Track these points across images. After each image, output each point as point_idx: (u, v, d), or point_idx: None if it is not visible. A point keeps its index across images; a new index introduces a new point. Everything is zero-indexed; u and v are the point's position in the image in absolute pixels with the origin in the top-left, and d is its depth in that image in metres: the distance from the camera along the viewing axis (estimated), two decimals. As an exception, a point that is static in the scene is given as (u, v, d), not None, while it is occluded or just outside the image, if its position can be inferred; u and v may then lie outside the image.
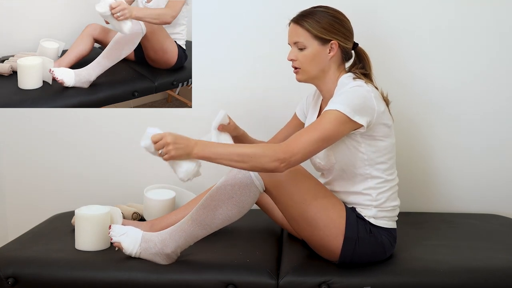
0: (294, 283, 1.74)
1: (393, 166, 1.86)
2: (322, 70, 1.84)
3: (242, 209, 1.77)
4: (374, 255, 1.81)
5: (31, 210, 2.53)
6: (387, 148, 1.81)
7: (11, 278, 1.77)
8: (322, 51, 1.81)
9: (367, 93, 1.74)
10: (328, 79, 1.85)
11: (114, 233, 1.85)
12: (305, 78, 1.86)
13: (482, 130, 2.38)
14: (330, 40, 1.80)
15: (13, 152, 2.52)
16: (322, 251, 1.83)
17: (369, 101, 1.73)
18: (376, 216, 1.82)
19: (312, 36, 1.80)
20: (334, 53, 1.81)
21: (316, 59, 1.81)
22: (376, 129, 1.76)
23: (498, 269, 1.79)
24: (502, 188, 2.41)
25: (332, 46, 1.81)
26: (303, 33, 1.80)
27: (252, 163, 1.64)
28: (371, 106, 1.73)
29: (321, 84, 1.87)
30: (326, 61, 1.82)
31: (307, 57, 1.81)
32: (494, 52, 2.33)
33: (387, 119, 1.80)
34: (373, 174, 1.81)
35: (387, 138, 1.81)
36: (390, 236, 1.84)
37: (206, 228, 1.77)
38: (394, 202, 1.86)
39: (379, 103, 1.76)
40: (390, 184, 1.84)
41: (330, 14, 1.81)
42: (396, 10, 2.31)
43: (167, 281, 1.75)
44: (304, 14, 1.82)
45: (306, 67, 1.83)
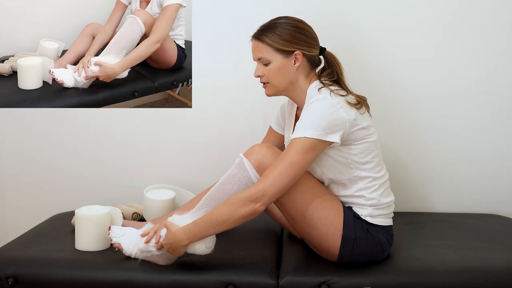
0: (294, 283, 1.74)
1: (380, 162, 1.85)
2: (290, 82, 1.82)
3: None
4: (372, 255, 1.81)
5: (31, 210, 2.53)
6: (369, 147, 1.80)
7: (11, 278, 1.77)
8: (287, 63, 1.79)
9: (332, 107, 1.72)
10: (298, 89, 1.84)
11: (113, 234, 1.85)
12: (274, 92, 1.85)
13: (482, 130, 2.38)
14: (293, 51, 1.78)
15: (13, 152, 2.52)
16: (321, 250, 1.83)
17: (336, 115, 1.71)
18: (372, 214, 1.82)
19: (275, 50, 1.78)
20: (300, 63, 1.79)
21: (282, 72, 1.79)
22: (353, 135, 1.75)
23: (498, 269, 1.79)
24: (502, 188, 2.41)
25: (297, 56, 1.79)
26: (265, 48, 1.78)
27: (233, 219, 1.69)
28: (341, 119, 1.71)
29: (292, 95, 1.87)
30: (292, 73, 1.81)
31: (272, 71, 1.80)
32: (494, 46, 2.33)
33: (362, 122, 1.77)
34: (361, 175, 1.80)
35: (367, 138, 1.79)
36: (387, 234, 1.84)
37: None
38: (388, 198, 1.86)
39: (349, 112, 1.74)
40: (380, 181, 1.84)
41: (290, 25, 1.79)
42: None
43: (167, 281, 1.75)
44: (264, 28, 1.80)
45: (273, 82, 1.82)
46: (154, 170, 2.47)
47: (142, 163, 2.48)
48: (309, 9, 2.23)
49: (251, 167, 1.74)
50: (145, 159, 2.48)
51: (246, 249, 1.92)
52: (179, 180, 2.44)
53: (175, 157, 2.46)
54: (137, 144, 2.48)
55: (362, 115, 1.78)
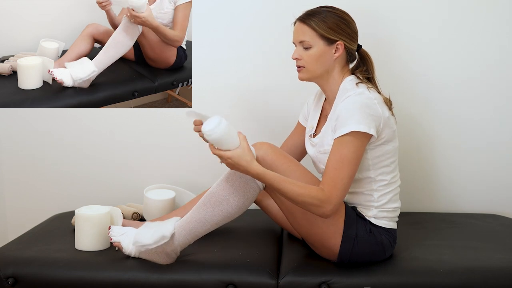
0: (294, 283, 1.74)
1: (396, 169, 1.87)
2: (326, 71, 1.83)
3: (242, 206, 1.77)
4: (373, 255, 1.81)
5: (31, 210, 2.53)
6: (391, 151, 1.82)
7: (11, 278, 1.77)
8: (327, 51, 1.80)
9: (370, 101, 1.74)
10: (331, 79, 1.85)
11: (113, 233, 1.85)
12: (308, 77, 1.85)
13: (482, 130, 2.38)
14: (336, 41, 1.79)
15: (13, 152, 2.52)
16: (321, 249, 1.83)
17: (373, 109, 1.73)
18: (376, 216, 1.82)
19: (318, 36, 1.79)
20: (340, 53, 1.81)
21: (321, 58, 1.80)
22: (382, 134, 1.77)
23: (498, 269, 1.79)
24: (502, 188, 2.41)
25: (338, 46, 1.80)
26: (309, 32, 1.79)
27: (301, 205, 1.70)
28: (377, 114, 1.74)
29: (324, 84, 1.87)
30: (331, 62, 1.82)
31: (312, 56, 1.80)
32: (498, 52, 2.33)
33: (392, 123, 1.81)
34: (377, 178, 1.81)
35: (391, 142, 1.81)
36: (390, 237, 1.84)
37: (206, 225, 1.77)
38: (395, 204, 1.87)
39: (384, 109, 1.77)
40: (392, 186, 1.85)
41: (337, 15, 1.81)
42: (397, 11, 2.31)
43: (167, 281, 1.75)
44: (311, 13, 1.81)
45: (310, 67, 1.82)
46: (154, 170, 2.47)
47: (142, 163, 2.48)
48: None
49: None
50: (145, 159, 2.48)
51: (246, 249, 1.92)
52: (179, 180, 2.44)
53: (175, 157, 2.46)
54: (137, 144, 2.48)
55: (392, 116, 1.82)
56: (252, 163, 1.67)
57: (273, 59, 2.35)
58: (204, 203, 1.78)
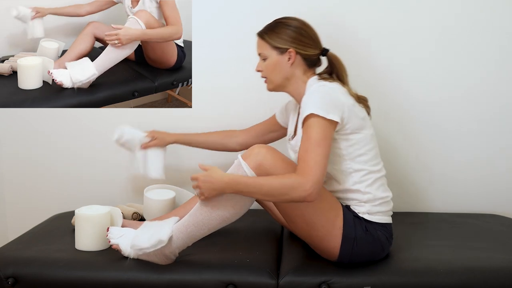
0: (294, 283, 1.75)
1: (376, 156, 1.87)
2: (286, 78, 1.90)
3: (239, 211, 1.77)
4: (372, 254, 1.82)
5: (31, 210, 2.53)
6: (364, 139, 1.83)
7: (11, 278, 1.77)
8: (281, 59, 1.88)
9: (331, 90, 1.80)
10: (295, 85, 1.91)
11: (112, 235, 1.85)
12: (272, 87, 1.93)
13: (482, 130, 2.38)
14: (287, 49, 1.86)
15: (13, 152, 2.52)
16: (321, 250, 1.83)
17: (333, 96, 1.78)
18: (370, 211, 1.82)
19: (271, 47, 1.88)
20: (293, 60, 1.87)
21: (277, 67, 1.88)
22: (349, 122, 1.79)
23: (498, 269, 1.79)
24: (502, 188, 2.41)
25: (290, 54, 1.86)
26: (263, 45, 1.90)
27: (282, 198, 1.71)
28: (338, 101, 1.77)
29: (290, 91, 1.94)
30: (287, 69, 1.88)
31: (268, 67, 1.90)
32: (493, 48, 2.33)
33: (359, 112, 1.83)
34: (355, 167, 1.82)
35: (363, 130, 1.82)
36: (386, 232, 1.84)
37: (203, 229, 1.78)
38: (384, 193, 1.86)
39: (347, 97, 1.81)
40: (376, 175, 1.85)
41: (290, 25, 1.87)
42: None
43: (167, 281, 1.75)
44: (267, 27, 1.91)
45: (270, 76, 1.91)
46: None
47: (142, 163, 2.47)
48: (311, 10, 2.23)
49: (249, 169, 1.73)
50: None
51: (246, 249, 1.92)
52: (179, 180, 2.44)
53: (175, 157, 2.45)
54: (137, 144, 2.48)
55: (359, 106, 1.84)
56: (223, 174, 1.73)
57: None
58: (201, 206, 1.77)
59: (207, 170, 1.75)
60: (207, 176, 1.72)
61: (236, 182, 1.71)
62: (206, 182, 1.72)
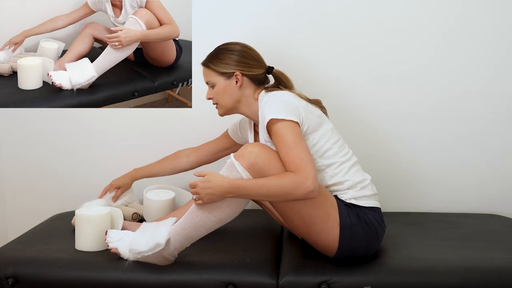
0: (294, 283, 1.75)
1: (343, 147, 1.90)
2: (236, 100, 1.95)
3: (235, 211, 1.77)
4: (369, 243, 1.83)
5: (31, 210, 2.53)
6: (326, 135, 1.85)
7: (11, 278, 1.77)
8: (229, 83, 1.93)
9: (282, 96, 1.85)
10: (247, 105, 1.96)
11: (110, 239, 1.85)
12: (224, 111, 1.98)
13: (482, 130, 2.38)
14: (233, 73, 1.91)
15: (13, 152, 2.52)
16: (321, 245, 1.84)
17: (287, 101, 1.82)
18: (355, 196, 1.85)
19: (217, 74, 1.94)
20: (241, 82, 1.92)
21: (227, 92, 1.94)
22: (307, 122, 1.81)
23: (498, 269, 1.79)
24: (502, 188, 2.41)
25: (237, 77, 1.92)
26: (209, 73, 1.95)
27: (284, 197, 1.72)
28: (293, 104, 1.81)
29: (244, 111, 1.98)
30: (236, 92, 1.94)
31: (218, 92, 1.95)
32: (494, 50, 2.33)
33: (313, 110, 1.86)
34: (326, 163, 1.85)
35: (322, 126, 1.86)
36: (377, 215, 1.86)
37: (200, 230, 1.77)
38: (361, 177, 1.89)
39: (298, 100, 1.85)
40: (348, 163, 1.87)
41: (231, 49, 1.94)
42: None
43: (167, 281, 1.75)
44: (209, 55, 1.97)
45: (221, 102, 1.96)
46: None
47: (142, 163, 2.47)
48: (310, 9, 2.23)
49: (242, 170, 1.73)
50: (145, 159, 2.47)
51: (246, 249, 1.92)
52: (179, 180, 2.44)
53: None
54: (137, 144, 2.48)
55: (312, 106, 1.88)
56: (223, 177, 1.73)
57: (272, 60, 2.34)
58: (197, 208, 1.77)
59: (204, 176, 1.74)
60: (206, 182, 1.72)
61: (236, 186, 1.71)
62: (205, 188, 1.71)
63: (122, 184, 2.23)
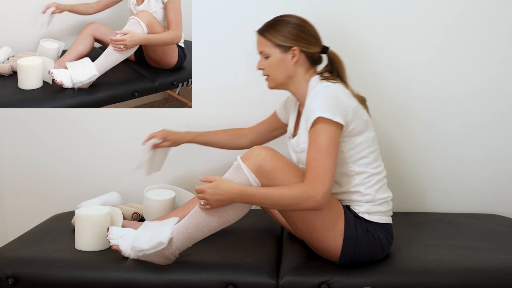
0: (294, 283, 1.74)
1: (377, 159, 1.87)
2: (288, 76, 1.89)
3: (240, 213, 1.77)
4: (373, 254, 1.81)
5: (31, 210, 2.53)
6: (366, 142, 1.83)
7: (11, 278, 1.77)
8: (284, 57, 1.87)
9: (335, 92, 1.79)
10: (297, 83, 1.90)
11: (112, 236, 1.85)
12: (274, 84, 1.92)
13: (482, 130, 2.38)
14: (290, 47, 1.85)
15: (13, 152, 2.52)
16: (322, 251, 1.83)
17: (338, 99, 1.77)
18: (369, 211, 1.82)
19: (274, 45, 1.87)
20: (297, 58, 1.86)
21: (280, 65, 1.87)
22: (352, 125, 1.78)
23: (498, 269, 1.79)
24: (502, 188, 2.41)
25: (294, 52, 1.86)
26: (265, 43, 1.88)
27: (292, 207, 1.72)
28: (343, 103, 1.77)
29: (292, 89, 1.93)
30: (290, 67, 1.88)
31: (271, 64, 1.88)
32: (495, 48, 2.33)
33: (362, 114, 1.82)
34: (357, 170, 1.82)
35: (364, 133, 1.82)
36: (386, 232, 1.84)
37: (203, 231, 1.77)
38: (384, 194, 1.86)
39: (351, 99, 1.80)
40: (377, 177, 1.84)
41: (291, 22, 1.87)
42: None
43: (167, 281, 1.75)
44: (267, 24, 1.90)
45: (273, 74, 1.90)
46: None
47: (142, 163, 2.48)
48: (311, 7, 2.23)
49: (249, 172, 1.73)
50: (145, 159, 2.48)
51: (246, 249, 1.92)
52: (179, 180, 2.44)
53: (175, 157, 2.45)
54: (137, 144, 2.47)
55: (362, 108, 1.84)
56: (233, 184, 1.71)
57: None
58: (202, 209, 1.77)
59: (211, 181, 1.73)
60: (216, 188, 1.71)
61: (246, 194, 1.71)
62: (214, 194, 1.71)
63: (171, 138, 2.18)
